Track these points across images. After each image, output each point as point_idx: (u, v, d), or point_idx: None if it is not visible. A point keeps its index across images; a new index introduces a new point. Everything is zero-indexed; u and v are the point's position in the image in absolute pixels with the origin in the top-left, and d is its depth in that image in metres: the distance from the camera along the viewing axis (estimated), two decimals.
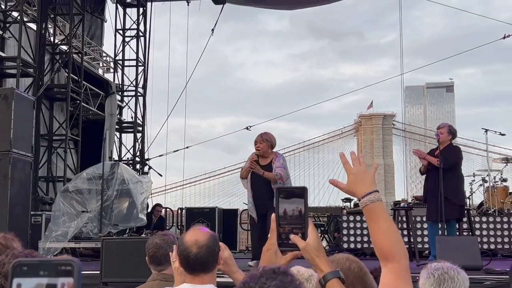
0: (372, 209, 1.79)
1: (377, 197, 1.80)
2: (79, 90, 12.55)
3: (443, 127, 8.05)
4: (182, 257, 2.62)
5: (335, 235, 12.03)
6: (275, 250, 1.80)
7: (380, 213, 1.80)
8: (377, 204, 1.80)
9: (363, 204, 1.80)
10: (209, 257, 2.60)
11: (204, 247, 2.60)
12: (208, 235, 2.67)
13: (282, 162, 7.33)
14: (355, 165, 1.85)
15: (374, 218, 1.79)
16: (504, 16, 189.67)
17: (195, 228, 2.83)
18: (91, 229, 9.78)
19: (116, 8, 15.30)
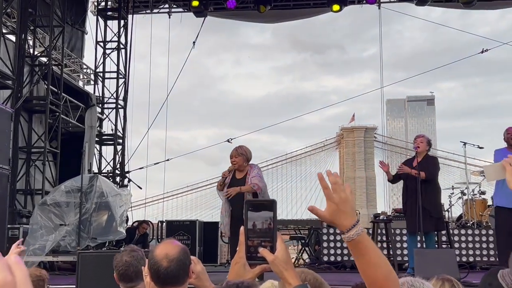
0: (359, 242, 1.66)
1: (361, 228, 1.67)
2: (58, 102, 12.46)
3: (421, 137, 8.15)
4: (152, 271, 2.60)
5: (315, 247, 12.02)
6: (244, 263, 1.78)
7: (368, 244, 1.68)
8: (363, 235, 1.67)
9: (348, 238, 1.66)
10: (180, 270, 2.58)
11: (175, 260, 2.58)
12: (179, 248, 2.64)
13: (257, 171, 7.32)
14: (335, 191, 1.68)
15: (362, 251, 1.67)
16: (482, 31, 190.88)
17: (166, 241, 2.80)
18: (69, 243, 9.66)
19: (97, 20, 15.27)
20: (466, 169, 12.68)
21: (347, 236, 1.66)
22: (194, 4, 13.95)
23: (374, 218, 9.90)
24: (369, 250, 1.67)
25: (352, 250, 1.69)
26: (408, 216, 7.99)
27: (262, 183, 7.24)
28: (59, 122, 12.49)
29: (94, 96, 14.30)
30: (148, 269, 2.64)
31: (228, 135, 20.43)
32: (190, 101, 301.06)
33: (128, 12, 15.34)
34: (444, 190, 13.43)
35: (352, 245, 1.67)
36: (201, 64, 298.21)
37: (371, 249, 1.68)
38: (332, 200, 1.67)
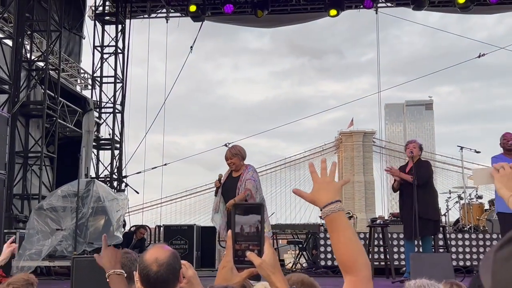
0: (333, 219, 1.73)
1: (338, 206, 1.74)
2: (55, 107, 12.45)
3: (413, 142, 8.19)
4: (142, 275, 2.59)
5: (313, 252, 12.02)
6: (231, 267, 1.78)
7: (341, 223, 1.73)
8: (338, 213, 1.73)
9: (324, 214, 1.74)
10: (170, 275, 2.57)
11: (165, 265, 2.57)
12: (169, 252, 2.64)
13: (252, 174, 7.29)
14: (322, 175, 1.79)
15: (334, 228, 1.74)
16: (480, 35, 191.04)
17: (156, 246, 2.80)
18: (66, 247, 9.65)
19: (95, 25, 15.28)
20: (463, 174, 12.68)
21: (322, 212, 1.74)
22: (192, 9, 13.96)
23: (371, 222, 9.88)
24: (340, 229, 1.72)
25: (328, 226, 1.75)
26: (405, 222, 8.00)
27: (255, 188, 7.21)
28: (56, 126, 12.49)
29: (91, 100, 14.30)
30: (138, 273, 2.64)
31: (227, 140, 20.52)
32: (188, 106, 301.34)
33: (125, 16, 15.35)
34: (442, 195, 13.44)
35: (327, 221, 1.74)
36: (199, 69, 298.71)
37: (343, 229, 1.73)
38: (316, 180, 1.77)
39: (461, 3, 13.46)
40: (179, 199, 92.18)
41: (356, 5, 14.80)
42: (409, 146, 8.09)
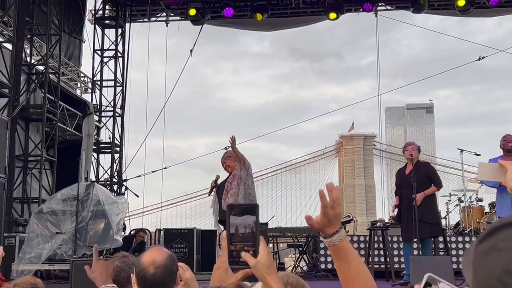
0: (341, 247, 1.68)
1: (344, 234, 1.70)
2: (55, 111, 12.46)
3: (412, 144, 8.19)
4: (139, 278, 2.59)
5: (313, 255, 12.00)
6: (226, 268, 1.77)
7: (350, 251, 1.70)
8: (346, 241, 1.69)
9: (331, 243, 1.68)
10: (167, 277, 2.57)
11: (162, 267, 2.57)
12: (166, 255, 2.64)
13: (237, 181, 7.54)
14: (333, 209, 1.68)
15: (343, 258, 1.69)
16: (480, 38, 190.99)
17: (153, 248, 2.81)
18: (66, 251, 9.65)
19: (95, 28, 15.29)
20: (463, 177, 12.67)
21: (329, 240, 1.68)
22: (191, 13, 13.98)
23: (371, 225, 9.88)
24: (350, 257, 1.69)
25: (334, 255, 1.71)
26: (403, 224, 8.01)
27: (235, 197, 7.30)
28: (56, 130, 12.49)
29: (91, 104, 14.31)
30: (135, 276, 2.63)
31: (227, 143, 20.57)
32: (188, 110, 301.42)
33: (125, 20, 15.37)
34: (442, 197, 13.44)
35: (335, 250, 1.69)
36: (199, 73, 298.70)
37: (353, 256, 1.70)
38: (328, 216, 1.69)
39: (461, 6, 13.47)
40: (179, 203, 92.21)
41: (356, 8, 14.81)
42: (408, 148, 8.09)
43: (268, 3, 14.12)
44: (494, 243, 0.66)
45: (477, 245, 0.68)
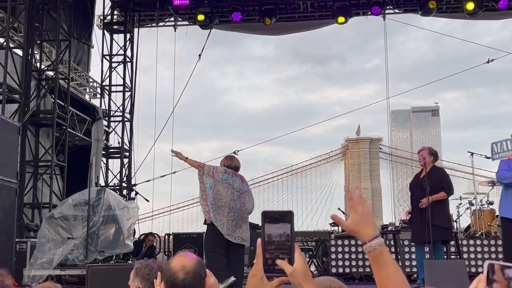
0: (380, 253, 1.70)
1: (382, 241, 1.72)
2: (65, 116, 12.50)
3: (423, 150, 8.18)
4: (168, 283, 2.60)
5: (323, 259, 11.98)
6: (261, 276, 1.77)
7: (388, 257, 1.71)
8: (384, 248, 1.71)
9: (370, 248, 1.71)
10: (196, 282, 2.58)
11: (191, 272, 2.58)
12: (195, 260, 2.65)
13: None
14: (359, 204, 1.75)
15: (382, 264, 1.71)
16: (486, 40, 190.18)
17: (181, 254, 2.82)
18: (77, 256, 9.65)
19: (103, 34, 15.35)
20: (473, 180, 12.63)
21: (368, 246, 1.70)
22: (200, 18, 14.02)
23: (382, 229, 9.86)
24: (388, 263, 1.70)
25: (372, 262, 1.72)
26: (413, 227, 8.01)
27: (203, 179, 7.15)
28: (66, 135, 12.53)
29: (100, 109, 14.35)
30: (164, 281, 2.64)
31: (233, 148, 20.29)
32: (194, 114, 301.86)
33: (134, 25, 15.42)
34: (452, 201, 13.40)
35: (372, 257, 1.70)
36: (205, 77, 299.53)
37: (391, 262, 1.71)
38: (356, 211, 1.73)
39: (470, 10, 13.47)
40: (187, 207, 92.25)
41: (364, 12, 14.81)
42: (419, 154, 8.09)
43: (276, 7, 14.13)
44: None
45: None
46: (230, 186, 7.07)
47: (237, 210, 7.00)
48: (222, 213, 6.96)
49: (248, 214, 7.22)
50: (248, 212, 7.18)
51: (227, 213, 6.96)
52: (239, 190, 7.11)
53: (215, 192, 7.04)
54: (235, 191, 7.07)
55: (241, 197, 7.10)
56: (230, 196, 7.03)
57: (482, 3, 13.55)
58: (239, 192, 7.09)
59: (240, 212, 7.03)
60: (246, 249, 7.99)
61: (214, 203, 7.03)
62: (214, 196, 7.03)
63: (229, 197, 7.02)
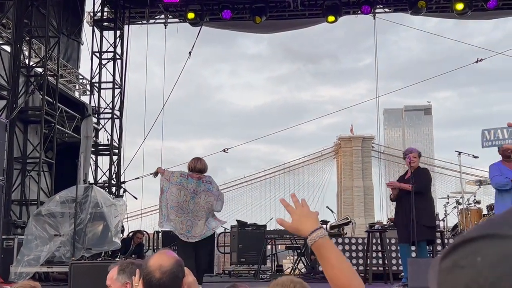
0: (321, 245, 1.79)
1: (324, 232, 1.81)
2: (53, 113, 12.46)
3: (412, 152, 8.20)
4: (145, 281, 2.61)
5: (311, 257, 12.01)
6: None
7: (330, 248, 1.79)
8: (326, 239, 1.80)
9: (311, 241, 1.79)
10: (172, 283, 2.59)
11: (167, 272, 2.58)
12: (173, 260, 2.65)
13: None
14: (297, 207, 1.89)
15: (325, 254, 1.79)
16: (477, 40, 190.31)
17: (161, 251, 2.82)
18: (64, 253, 9.64)
19: (93, 30, 15.30)
20: (461, 179, 12.68)
21: (309, 239, 1.80)
22: (190, 16, 14.01)
23: (369, 227, 9.90)
24: (331, 254, 1.79)
25: (316, 253, 1.81)
26: (399, 226, 8.06)
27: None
28: (55, 132, 12.49)
29: (90, 106, 14.31)
30: (142, 278, 2.64)
31: (225, 145, 20.39)
32: (187, 111, 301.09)
33: (124, 22, 15.38)
34: (440, 200, 13.45)
35: (316, 248, 1.80)
36: (197, 75, 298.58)
37: (334, 252, 1.79)
38: (294, 212, 1.88)
39: (459, 10, 13.52)
40: None
41: (354, 11, 14.84)
42: (410, 156, 8.10)
43: (266, 5, 14.14)
44: (456, 260, 0.64)
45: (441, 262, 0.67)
46: (183, 188, 7.45)
47: (190, 211, 7.38)
48: (175, 213, 7.39)
49: (207, 211, 7.52)
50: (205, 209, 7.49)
51: (180, 214, 7.39)
52: (193, 191, 7.46)
53: (169, 194, 7.50)
54: (189, 193, 7.44)
55: (195, 198, 7.45)
56: (182, 197, 7.41)
57: (471, 3, 13.60)
58: (193, 193, 7.45)
59: (194, 212, 7.40)
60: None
61: (167, 204, 7.49)
62: (168, 197, 7.49)
63: (181, 198, 7.42)
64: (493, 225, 0.65)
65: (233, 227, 13.65)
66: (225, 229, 14.26)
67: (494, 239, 0.63)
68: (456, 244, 0.67)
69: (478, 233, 0.65)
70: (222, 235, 14.90)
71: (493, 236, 0.63)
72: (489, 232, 0.64)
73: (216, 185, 7.75)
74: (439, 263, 0.67)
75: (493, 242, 0.63)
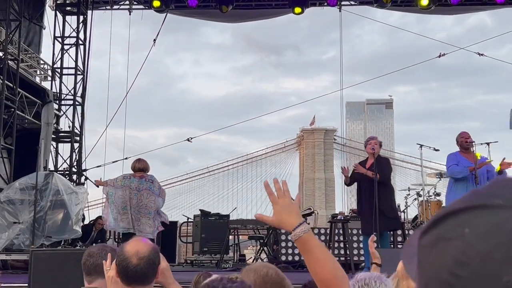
0: (305, 240, 1.77)
1: (307, 227, 1.80)
2: (14, 98, 12.18)
3: (374, 139, 8.29)
4: (121, 267, 2.57)
5: (274, 247, 12.07)
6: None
7: (315, 243, 1.79)
8: (309, 234, 1.79)
9: (296, 236, 1.78)
10: (149, 269, 2.57)
11: (145, 259, 2.57)
12: (150, 247, 2.64)
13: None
14: (280, 197, 1.83)
15: (309, 249, 1.78)
16: (439, 35, 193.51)
17: (137, 238, 2.81)
18: (23, 241, 9.47)
19: (55, 15, 14.98)
20: (422, 171, 12.91)
21: (293, 234, 1.78)
22: (155, 4, 13.86)
23: (332, 218, 9.98)
24: (315, 248, 1.77)
25: (300, 248, 1.79)
26: (363, 218, 8.12)
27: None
28: (14, 118, 12.21)
29: (51, 92, 14.03)
30: (116, 265, 2.61)
31: (188, 135, 20.13)
32: (149, 100, 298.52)
33: (87, 7, 15.11)
34: (400, 192, 13.67)
35: (300, 243, 1.78)
36: (160, 63, 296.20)
37: (318, 247, 1.79)
38: (277, 203, 1.82)
39: (424, 6, 13.73)
40: None
41: (320, 3, 14.87)
42: (371, 142, 8.17)
43: None
44: (441, 233, 0.61)
45: (421, 237, 0.63)
46: (127, 187, 8.11)
47: (134, 205, 8.02)
48: (124, 212, 8.05)
49: (150, 209, 8.12)
50: (147, 207, 8.11)
51: (128, 210, 8.04)
52: (136, 188, 8.11)
53: (116, 197, 8.14)
54: (132, 190, 8.09)
55: (138, 194, 8.10)
56: (128, 195, 8.07)
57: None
58: (136, 190, 8.11)
59: (137, 207, 8.04)
60: None
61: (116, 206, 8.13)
62: (115, 201, 8.12)
63: (127, 196, 8.08)
64: (479, 196, 0.63)
65: (196, 217, 13.62)
66: (188, 219, 14.22)
67: (482, 209, 0.60)
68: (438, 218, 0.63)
69: (463, 205, 0.62)
70: (185, 224, 14.86)
71: (481, 207, 0.61)
72: (476, 203, 0.61)
73: (157, 184, 8.35)
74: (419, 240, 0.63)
75: (482, 213, 0.60)
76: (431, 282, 0.61)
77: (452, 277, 0.58)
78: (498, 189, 0.62)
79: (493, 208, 0.60)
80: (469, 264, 0.57)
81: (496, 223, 0.58)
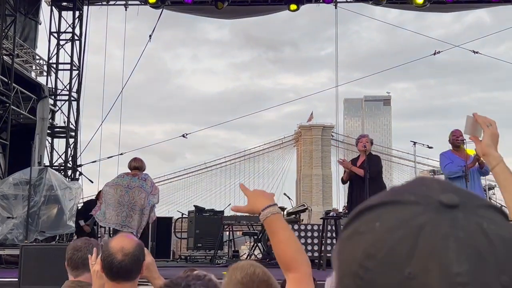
0: (272, 221, 1.85)
1: (276, 209, 1.87)
2: (9, 93, 12.19)
3: (366, 137, 8.33)
4: (105, 263, 2.60)
5: (268, 243, 12.10)
6: None
7: (280, 224, 1.86)
8: (277, 215, 1.87)
9: (263, 216, 1.85)
10: (133, 265, 2.60)
11: (130, 255, 2.59)
12: (135, 243, 2.66)
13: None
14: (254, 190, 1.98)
15: (274, 230, 1.85)
16: (436, 33, 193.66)
17: (122, 234, 2.83)
18: (17, 236, 9.50)
19: (51, 10, 14.97)
20: (415, 168, 12.96)
21: (262, 215, 1.87)
22: (151, 0, 13.86)
23: (325, 214, 10.01)
24: (280, 230, 1.85)
25: (267, 228, 1.88)
26: None
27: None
28: (9, 113, 12.23)
29: (46, 87, 14.03)
30: (101, 260, 2.63)
31: (185, 131, 20.29)
32: (147, 96, 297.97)
33: (83, 3, 15.10)
34: None
35: (267, 224, 1.87)
36: (158, 58, 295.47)
37: (282, 229, 1.86)
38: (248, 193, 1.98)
39: (420, 4, 13.74)
40: None
41: (316, 0, 14.87)
42: (362, 140, 8.22)
43: None
44: (356, 227, 0.63)
45: (342, 231, 0.66)
46: (118, 185, 8.25)
47: (125, 203, 8.14)
48: (112, 209, 8.19)
49: (141, 207, 8.24)
50: (138, 205, 8.23)
51: (117, 207, 8.17)
52: (127, 186, 8.21)
53: (106, 194, 8.30)
54: (123, 188, 8.20)
55: (129, 192, 8.23)
56: (118, 193, 8.19)
57: None
58: (127, 187, 8.20)
59: (129, 204, 8.18)
60: None
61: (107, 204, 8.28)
62: (105, 197, 8.28)
63: (117, 194, 8.16)
64: (394, 192, 0.65)
65: (190, 213, 13.65)
66: (182, 215, 14.26)
67: (395, 205, 0.63)
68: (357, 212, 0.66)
69: (379, 200, 0.65)
70: (180, 220, 14.89)
71: (394, 203, 0.63)
72: (390, 199, 0.64)
73: (150, 182, 8.45)
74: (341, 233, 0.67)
75: (394, 208, 0.63)
76: (344, 274, 0.63)
77: (361, 269, 0.60)
78: (415, 186, 0.65)
79: (405, 204, 0.63)
80: (376, 256, 0.60)
81: (405, 218, 0.61)
